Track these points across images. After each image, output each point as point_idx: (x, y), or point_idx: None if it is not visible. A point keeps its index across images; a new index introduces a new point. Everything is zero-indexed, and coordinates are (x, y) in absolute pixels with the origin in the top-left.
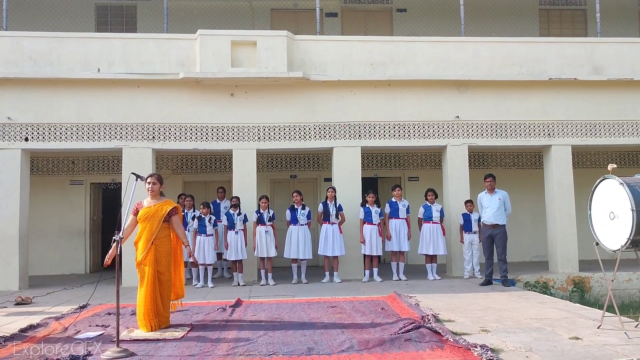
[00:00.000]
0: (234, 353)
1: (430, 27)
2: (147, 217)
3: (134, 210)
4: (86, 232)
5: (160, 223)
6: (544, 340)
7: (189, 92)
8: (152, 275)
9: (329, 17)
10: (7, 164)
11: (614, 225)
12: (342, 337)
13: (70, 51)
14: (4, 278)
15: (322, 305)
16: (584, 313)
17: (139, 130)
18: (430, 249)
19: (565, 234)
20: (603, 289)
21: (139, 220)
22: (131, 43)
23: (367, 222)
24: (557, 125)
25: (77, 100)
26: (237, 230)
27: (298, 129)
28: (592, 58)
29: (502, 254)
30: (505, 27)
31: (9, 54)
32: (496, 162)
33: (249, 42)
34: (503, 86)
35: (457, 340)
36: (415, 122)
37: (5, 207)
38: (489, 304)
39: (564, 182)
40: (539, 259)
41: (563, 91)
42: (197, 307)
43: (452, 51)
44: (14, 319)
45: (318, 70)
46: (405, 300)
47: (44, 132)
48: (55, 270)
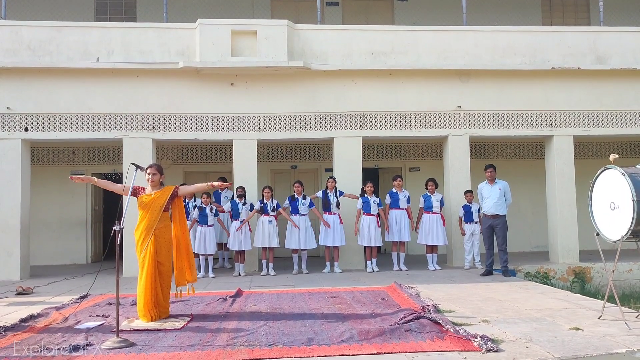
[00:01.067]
0: (234, 343)
1: (431, 17)
2: (147, 204)
3: (134, 188)
4: (87, 222)
5: (161, 212)
6: (545, 330)
7: (189, 81)
8: (152, 266)
9: (330, 6)
10: (7, 154)
11: (615, 215)
12: (342, 327)
13: (69, 40)
14: (5, 268)
15: (323, 296)
16: (584, 303)
17: (139, 120)
18: (430, 239)
19: (566, 224)
20: (604, 279)
21: (139, 207)
22: (131, 32)
23: (366, 212)
24: (559, 115)
25: (77, 90)
26: (241, 219)
27: (299, 119)
28: (595, 47)
29: (503, 244)
30: (507, 17)
31: (7, 44)
32: (497, 152)
33: (249, 32)
34: (505, 76)
35: (457, 331)
36: (417, 112)
37: (7, 197)
38: (489, 294)
39: (566, 173)
40: (539, 249)
41: (565, 81)
42: (198, 297)
43: (453, 40)
44: (15, 309)
45: (319, 60)
46: (406, 291)
47: (43, 122)
48: (56, 260)
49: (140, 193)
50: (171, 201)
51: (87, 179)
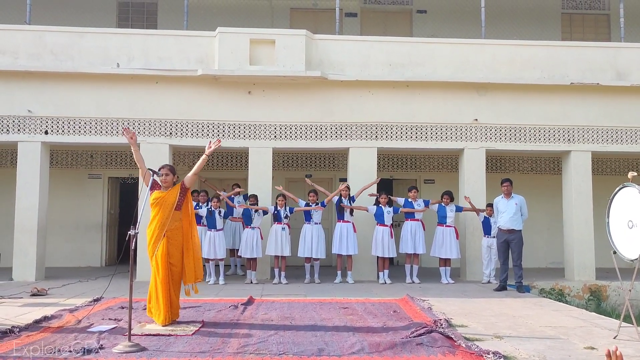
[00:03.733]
0: (245, 351)
1: (450, 29)
2: (159, 201)
3: (154, 182)
4: (103, 226)
5: (172, 209)
6: (559, 349)
7: (206, 89)
8: (165, 269)
9: (349, 17)
10: (27, 156)
11: (633, 234)
12: (353, 338)
13: (90, 46)
14: (21, 268)
15: (334, 306)
16: (599, 322)
17: (157, 125)
18: (443, 252)
19: (582, 241)
20: (620, 298)
21: (152, 204)
22: (151, 39)
23: (379, 223)
24: (577, 131)
25: (96, 94)
26: (253, 226)
27: (314, 129)
28: (615, 63)
29: (518, 260)
30: (526, 31)
31: (31, 48)
32: (514, 166)
33: (268, 41)
34: (523, 90)
35: (469, 346)
36: (433, 124)
37: (25, 199)
38: (502, 310)
39: (583, 189)
40: (554, 266)
41: (584, 96)
42: (209, 304)
43: (471, 53)
44: (29, 310)
45: (336, 70)
46: (418, 304)
47: (63, 125)
48: (71, 262)
49: (156, 189)
50: (183, 198)
51: (134, 143)
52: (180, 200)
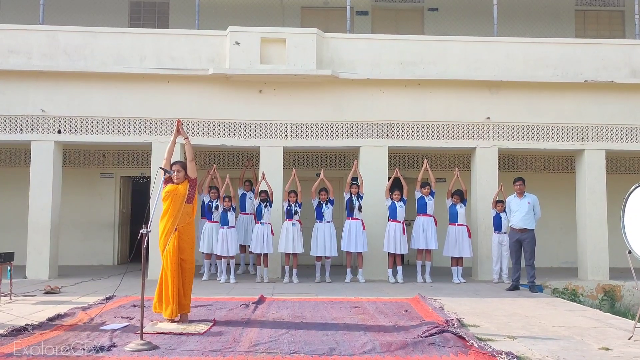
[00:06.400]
0: (256, 350)
1: (462, 26)
2: (171, 194)
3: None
4: (115, 224)
5: (184, 202)
6: (572, 349)
7: (218, 88)
8: (175, 264)
9: (360, 15)
10: (40, 155)
11: None
12: (364, 338)
13: (103, 46)
14: (35, 266)
15: (345, 305)
16: (614, 323)
17: (168, 124)
18: (455, 251)
19: (596, 240)
20: (635, 298)
21: (164, 198)
22: (163, 39)
23: (392, 219)
24: (591, 129)
25: (109, 94)
26: (263, 222)
27: (325, 127)
28: (629, 61)
29: (530, 259)
30: (539, 28)
31: (45, 48)
32: (526, 165)
33: (279, 39)
34: (536, 88)
35: (481, 347)
36: (445, 123)
37: (38, 197)
38: (515, 309)
39: (597, 188)
40: (568, 265)
41: (598, 94)
42: (221, 303)
43: (483, 51)
44: (42, 308)
45: (347, 69)
46: (430, 303)
47: (76, 124)
48: (83, 260)
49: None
50: (193, 190)
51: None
52: (191, 192)
